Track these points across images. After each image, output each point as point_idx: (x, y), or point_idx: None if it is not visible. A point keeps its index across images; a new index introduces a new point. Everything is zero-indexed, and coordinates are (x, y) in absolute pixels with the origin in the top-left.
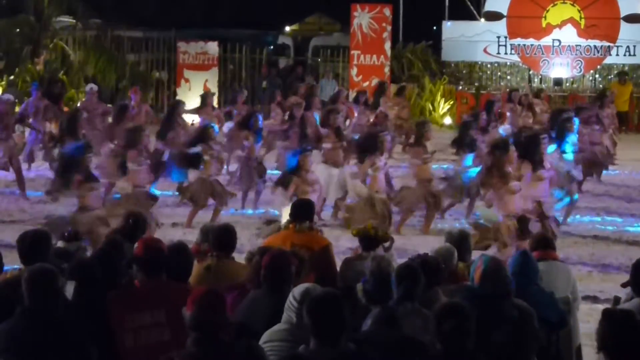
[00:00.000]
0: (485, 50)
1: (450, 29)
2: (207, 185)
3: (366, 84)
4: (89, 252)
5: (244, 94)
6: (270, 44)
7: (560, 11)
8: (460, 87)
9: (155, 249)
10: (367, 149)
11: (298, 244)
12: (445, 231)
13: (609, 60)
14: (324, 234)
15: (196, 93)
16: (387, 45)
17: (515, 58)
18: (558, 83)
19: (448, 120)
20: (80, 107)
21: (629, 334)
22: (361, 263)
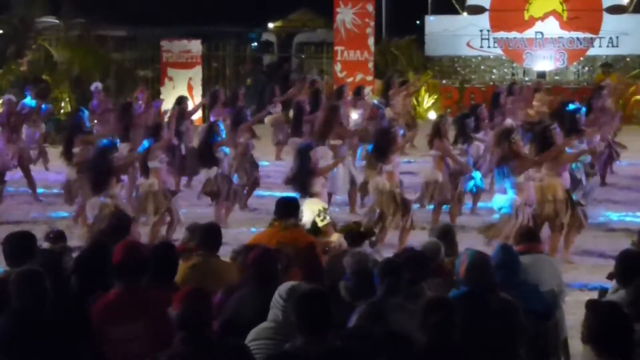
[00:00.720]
0: (468, 44)
1: (434, 24)
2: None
3: (350, 79)
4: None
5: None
6: (253, 41)
7: (542, 3)
8: (444, 82)
9: (133, 255)
10: (384, 146)
11: (284, 242)
12: (431, 226)
13: (592, 51)
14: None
15: (180, 91)
16: (371, 40)
17: (499, 51)
18: (541, 76)
19: (432, 115)
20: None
21: (615, 326)
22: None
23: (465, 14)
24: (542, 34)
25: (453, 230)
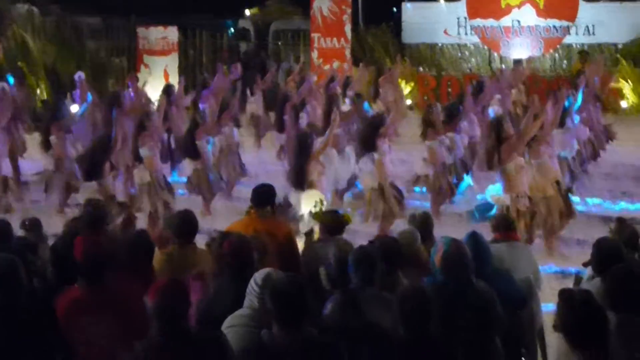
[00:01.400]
0: (445, 32)
1: (411, 11)
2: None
3: (327, 67)
4: (49, 242)
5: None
6: (230, 29)
7: None
8: (421, 70)
9: (92, 253)
10: (370, 134)
11: (261, 230)
12: (409, 214)
13: (568, 39)
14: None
15: (156, 79)
16: (348, 28)
17: (476, 39)
18: (518, 64)
19: (409, 102)
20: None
21: (587, 316)
22: (324, 248)
23: (442, 1)
24: (519, 21)
25: (431, 219)
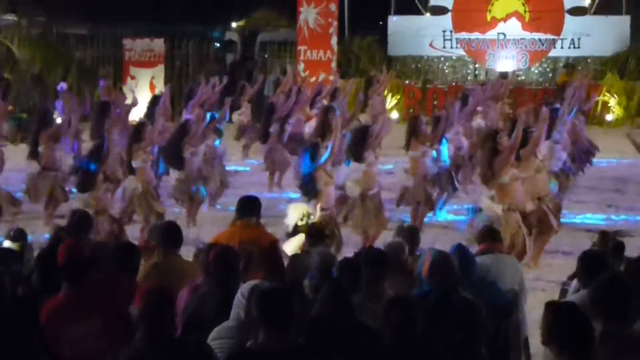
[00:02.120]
0: (431, 45)
1: (397, 23)
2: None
3: (313, 79)
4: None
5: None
6: (217, 40)
7: (504, 4)
8: (407, 82)
9: (74, 256)
10: (358, 144)
11: (246, 240)
12: (396, 226)
13: (553, 52)
14: None
15: (142, 90)
16: (334, 40)
17: (461, 52)
18: (504, 76)
19: (395, 115)
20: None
21: (573, 327)
22: (308, 258)
23: (428, 14)
24: (505, 34)
25: (418, 231)
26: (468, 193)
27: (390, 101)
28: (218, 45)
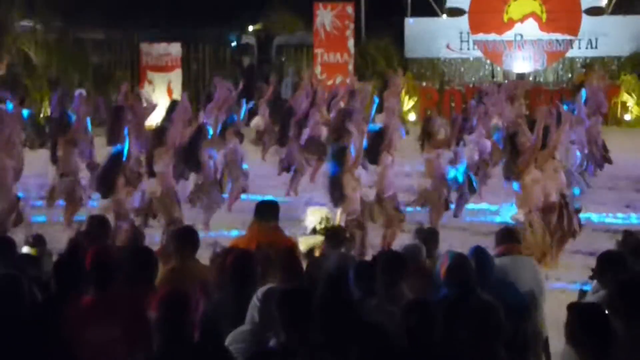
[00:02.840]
0: (448, 46)
1: (413, 25)
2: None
3: (330, 82)
4: (54, 257)
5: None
6: (233, 44)
7: (521, 5)
8: (424, 84)
9: (101, 260)
10: (378, 146)
11: (264, 244)
12: (415, 229)
13: (571, 53)
14: None
15: (160, 95)
16: (351, 42)
17: (478, 53)
18: (521, 77)
19: (412, 117)
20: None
21: (597, 328)
22: (325, 261)
23: (444, 16)
24: (522, 35)
25: (437, 233)
26: (482, 196)
27: (408, 103)
28: (234, 48)
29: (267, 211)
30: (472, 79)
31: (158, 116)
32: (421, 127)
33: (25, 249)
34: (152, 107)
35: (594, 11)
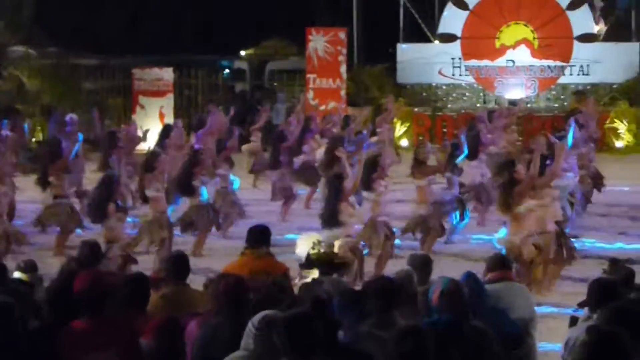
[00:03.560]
0: (440, 72)
1: (406, 51)
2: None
3: (323, 107)
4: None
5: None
6: (226, 69)
7: (513, 32)
8: (417, 109)
9: (93, 286)
10: (371, 174)
11: (256, 270)
12: (409, 255)
13: (563, 79)
14: None
15: (152, 120)
16: (343, 68)
17: (470, 79)
18: (513, 104)
19: (405, 143)
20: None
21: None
22: (319, 287)
23: (437, 42)
24: (514, 62)
25: (431, 260)
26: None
27: (400, 129)
28: (227, 74)
29: (259, 237)
30: (465, 105)
31: (150, 141)
32: (413, 155)
33: (16, 275)
34: (143, 139)
35: (586, 38)
